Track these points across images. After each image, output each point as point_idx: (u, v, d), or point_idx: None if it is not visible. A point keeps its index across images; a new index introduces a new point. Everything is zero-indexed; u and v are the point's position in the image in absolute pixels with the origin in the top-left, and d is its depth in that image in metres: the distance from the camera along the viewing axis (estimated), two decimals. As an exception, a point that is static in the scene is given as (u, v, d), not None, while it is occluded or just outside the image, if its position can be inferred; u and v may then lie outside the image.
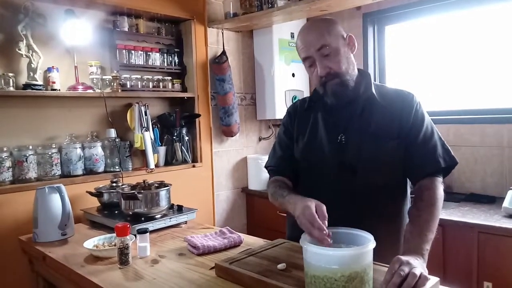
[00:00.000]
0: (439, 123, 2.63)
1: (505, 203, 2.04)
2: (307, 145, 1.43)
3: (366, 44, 3.00)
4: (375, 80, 3.01)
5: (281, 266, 1.21)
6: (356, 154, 1.32)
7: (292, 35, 3.17)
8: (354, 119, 1.35)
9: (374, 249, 1.03)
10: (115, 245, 1.49)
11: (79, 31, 2.25)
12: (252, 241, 1.63)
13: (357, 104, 1.35)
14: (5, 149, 2.06)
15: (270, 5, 2.66)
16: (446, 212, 2.14)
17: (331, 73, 1.31)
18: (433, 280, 1.09)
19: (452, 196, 2.52)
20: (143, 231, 1.51)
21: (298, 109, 1.51)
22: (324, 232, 1.06)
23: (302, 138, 1.45)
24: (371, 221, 1.25)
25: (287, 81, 3.14)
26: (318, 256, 0.99)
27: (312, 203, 1.14)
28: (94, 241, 1.61)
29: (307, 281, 1.03)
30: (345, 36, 1.36)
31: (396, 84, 2.97)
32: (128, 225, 1.43)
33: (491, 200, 2.32)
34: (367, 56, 3.00)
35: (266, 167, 1.57)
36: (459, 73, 2.65)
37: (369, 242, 1.02)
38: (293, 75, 3.18)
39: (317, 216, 1.10)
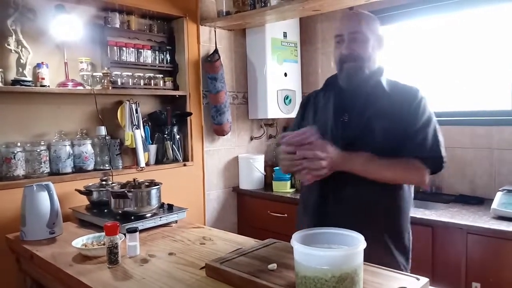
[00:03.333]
0: (430, 125, 2.66)
1: (494, 205, 2.05)
2: (315, 122, 1.54)
3: (358, 45, 3.00)
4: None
5: (271, 266, 1.20)
6: (354, 132, 1.42)
7: (285, 35, 3.17)
8: (359, 102, 1.45)
9: (370, 225, 1.14)
10: (104, 244, 1.48)
11: (69, 27, 2.22)
12: (242, 241, 1.62)
13: (364, 89, 1.46)
14: (-8, 145, 2.04)
15: (263, 4, 2.65)
16: (436, 213, 2.16)
17: (353, 55, 1.43)
18: (423, 280, 1.10)
19: (441, 197, 2.54)
20: (132, 230, 1.50)
21: (311, 95, 1.67)
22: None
23: (311, 116, 1.59)
24: (368, 196, 1.40)
25: (279, 80, 3.14)
26: (309, 256, 0.99)
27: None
28: (83, 240, 1.59)
29: (298, 281, 1.03)
30: (379, 35, 1.48)
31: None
32: (118, 224, 1.42)
33: (480, 202, 2.34)
34: (359, 56, 3.00)
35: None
36: (450, 74, 2.67)
37: (360, 243, 1.02)
38: (285, 74, 3.18)
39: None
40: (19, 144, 2.11)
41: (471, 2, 2.51)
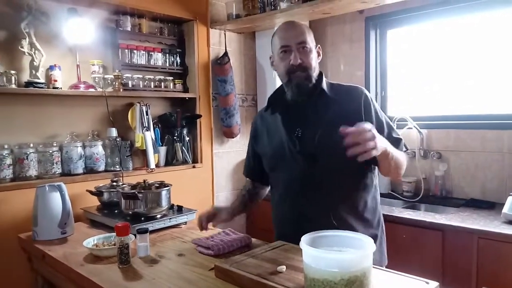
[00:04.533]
0: (440, 128, 2.65)
1: (505, 209, 2.03)
2: (269, 143, 1.59)
3: (368, 48, 3.00)
4: (376, 83, 3.03)
5: (280, 268, 1.21)
6: (312, 143, 1.45)
7: (294, 38, 3.17)
8: (309, 114, 1.50)
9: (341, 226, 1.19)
10: (114, 245, 1.50)
11: (81, 30, 2.26)
12: (251, 243, 1.63)
13: (311, 101, 1.50)
14: (6, 146, 2.07)
15: (272, 7, 2.66)
16: (446, 217, 2.14)
17: (302, 65, 1.45)
18: (432, 284, 1.10)
19: (451, 201, 2.52)
20: (143, 231, 1.51)
21: (258, 118, 1.72)
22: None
23: (265, 138, 1.62)
24: (337, 205, 1.44)
25: (289, 83, 3.14)
26: (318, 259, 0.99)
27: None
28: (94, 240, 1.61)
29: (307, 284, 1.03)
30: (315, 45, 1.54)
31: (397, 89, 2.98)
32: (128, 225, 1.44)
33: (491, 206, 2.32)
34: (369, 59, 3.00)
35: (243, 171, 1.85)
36: (460, 78, 2.66)
37: (369, 246, 1.02)
38: (295, 77, 3.18)
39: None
40: (31, 145, 2.14)
41: (482, 5, 2.49)
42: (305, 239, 1.08)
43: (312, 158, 1.44)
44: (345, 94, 1.51)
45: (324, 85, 1.51)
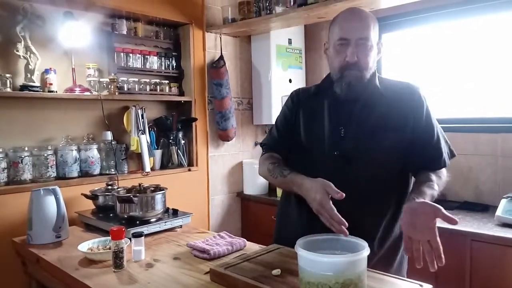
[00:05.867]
0: (434, 131, 2.66)
1: (498, 212, 2.05)
2: (309, 129, 1.45)
3: (362, 52, 3.01)
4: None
5: (275, 272, 1.21)
6: (351, 146, 1.36)
7: (290, 41, 3.19)
8: (356, 113, 1.38)
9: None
10: (109, 249, 1.49)
11: (77, 33, 2.26)
12: (247, 246, 1.63)
13: (361, 98, 1.38)
14: (0, 150, 2.06)
15: (268, 12, 2.67)
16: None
17: (357, 64, 1.32)
18: (426, 287, 1.11)
19: (445, 204, 2.49)
20: (138, 235, 1.51)
21: (302, 94, 1.54)
22: (343, 224, 1.14)
23: (305, 122, 1.47)
24: (361, 210, 1.32)
25: (284, 86, 3.15)
26: (313, 262, 1.00)
27: (325, 194, 1.20)
28: (89, 244, 1.60)
29: (302, 287, 1.04)
30: (380, 40, 1.40)
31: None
32: (123, 229, 1.43)
33: (485, 209, 2.34)
34: (364, 63, 3.01)
35: (261, 144, 1.61)
36: (454, 81, 2.68)
37: (364, 249, 1.02)
38: (290, 80, 3.20)
39: (335, 209, 1.17)
40: (26, 148, 2.13)
41: (476, 10, 2.52)
42: (300, 242, 1.08)
43: (349, 159, 1.35)
44: (401, 94, 1.39)
45: (377, 82, 1.39)
